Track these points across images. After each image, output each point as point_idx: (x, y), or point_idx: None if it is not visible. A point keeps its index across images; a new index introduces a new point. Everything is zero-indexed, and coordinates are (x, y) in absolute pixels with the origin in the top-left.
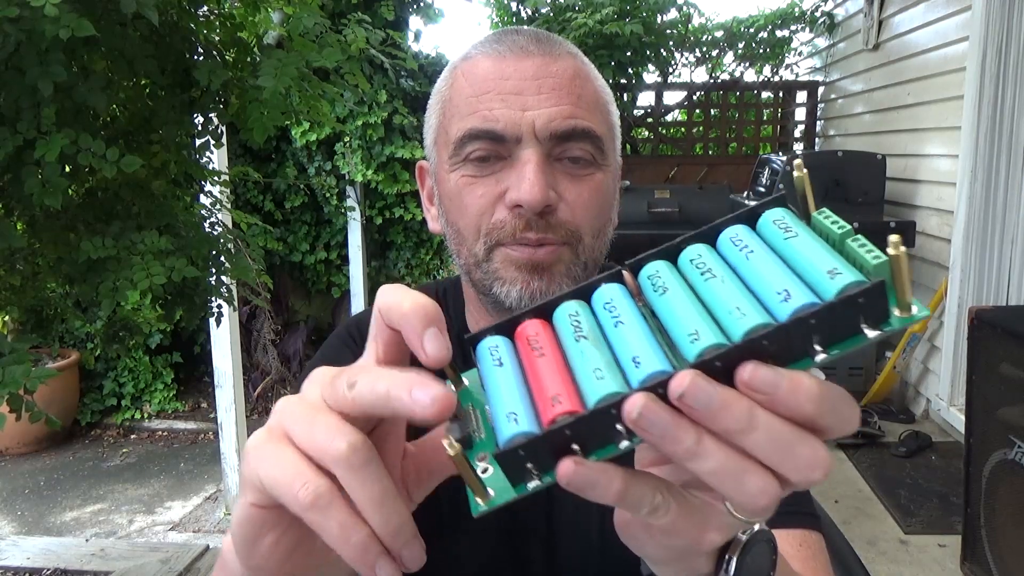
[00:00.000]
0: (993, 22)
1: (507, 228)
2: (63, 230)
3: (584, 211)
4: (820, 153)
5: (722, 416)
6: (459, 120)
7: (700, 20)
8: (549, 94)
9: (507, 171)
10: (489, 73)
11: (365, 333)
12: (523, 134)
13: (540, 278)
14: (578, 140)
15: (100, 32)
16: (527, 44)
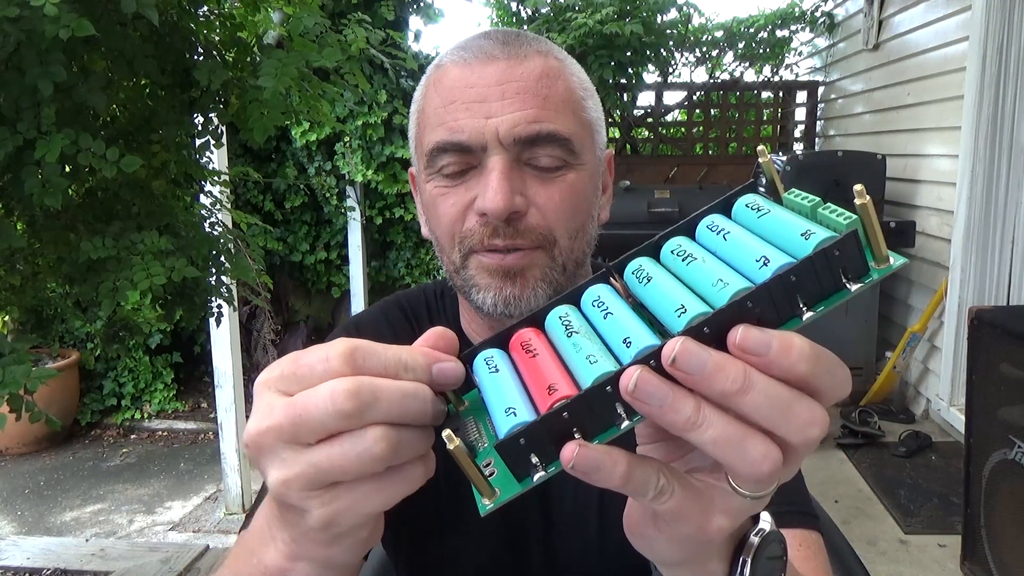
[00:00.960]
0: (993, 22)
1: (476, 236)
2: (63, 230)
3: (556, 214)
4: (820, 153)
5: (717, 378)
6: (430, 132)
7: (700, 20)
8: (513, 99)
9: (476, 179)
10: (456, 82)
11: (363, 333)
12: (488, 142)
13: (513, 283)
14: (544, 145)
15: (100, 32)
16: (492, 48)
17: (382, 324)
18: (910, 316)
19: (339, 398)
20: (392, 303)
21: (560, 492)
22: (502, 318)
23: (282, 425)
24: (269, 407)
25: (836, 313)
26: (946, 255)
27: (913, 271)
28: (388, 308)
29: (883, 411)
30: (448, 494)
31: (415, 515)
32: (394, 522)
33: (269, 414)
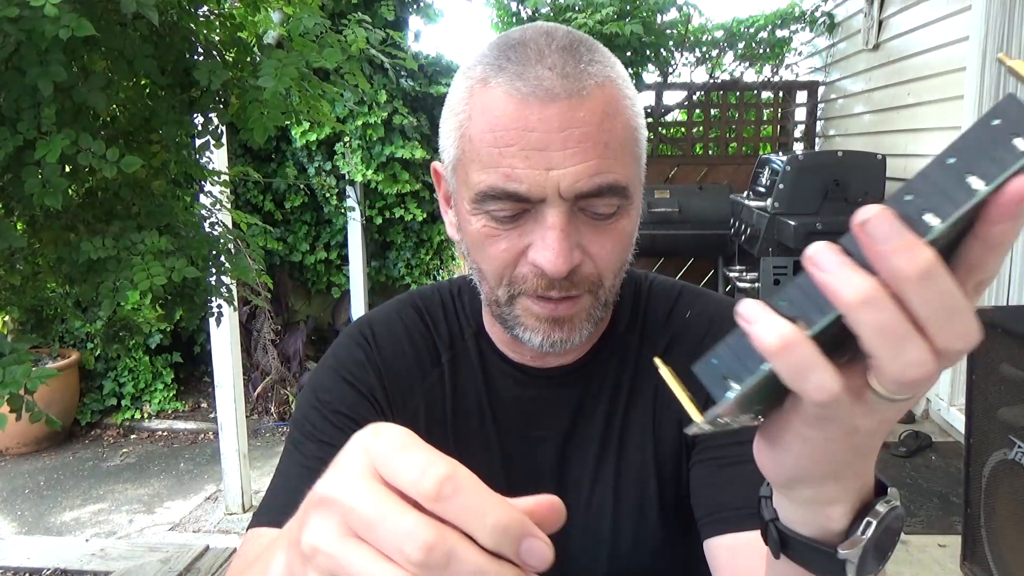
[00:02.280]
0: (993, 22)
1: (529, 283)
2: (63, 230)
3: (607, 262)
4: (820, 153)
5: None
6: (480, 169)
7: (700, 20)
8: (575, 148)
9: (531, 225)
10: (511, 121)
11: (377, 332)
12: (547, 195)
13: (561, 329)
14: (604, 196)
15: (100, 32)
16: (553, 83)
17: (396, 324)
18: None
19: (409, 544)
20: (406, 302)
21: (576, 488)
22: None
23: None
24: (348, 506)
25: None
26: None
27: None
28: (402, 307)
29: None
30: None
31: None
32: None
33: (347, 514)
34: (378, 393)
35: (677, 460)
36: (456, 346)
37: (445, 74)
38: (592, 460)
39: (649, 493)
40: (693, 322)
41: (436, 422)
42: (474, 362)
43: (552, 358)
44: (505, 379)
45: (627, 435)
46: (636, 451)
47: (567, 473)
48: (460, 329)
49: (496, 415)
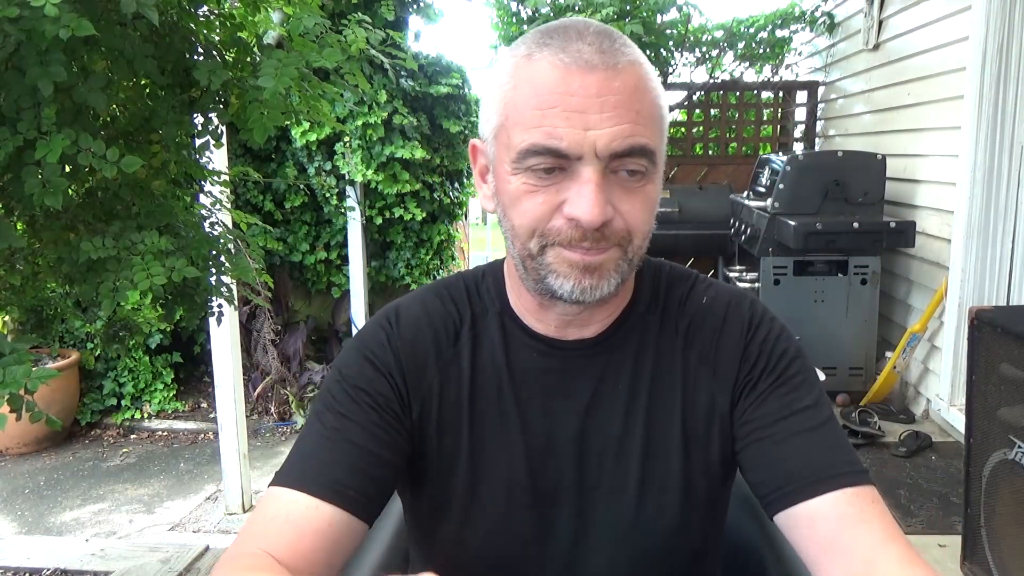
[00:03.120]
0: (993, 22)
1: (564, 235)
2: (63, 230)
3: (636, 220)
4: (820, 153)
5: None
6: (523, 131)
7: (700, 20)
8: (611, 112)
9: (567, 183)
10: (555, 86)
11: (400, 316)
12: (585, 153)
13: (591, 276)
14: (635, 156)
15: (100, 32)
16: (592, 56)
17: (418, 307)
18: (910, 316)
19: None
20: (431, 289)
21: (599, 458)
22: (575, 303)
23: None
24: None
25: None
26: (946, 255)
27: (913, 271)
28: (427, 294)
29: (883, 411)
30: (476, 463)
31: (444, 469)
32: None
33: None
34: (395, 372)
35: (706, 441)
36: (478, 325)
37: (445, 74)
38: (616, 433)
39: (674, 469)
40: (711, 306)
41: (451, 398)
42: (495, 338)
43: (576, 329)
44: (527, 351)
45: (653, 411)
46: (663, 428)
47: (589, 445)
48: (484, 308)
49: (516, 388)
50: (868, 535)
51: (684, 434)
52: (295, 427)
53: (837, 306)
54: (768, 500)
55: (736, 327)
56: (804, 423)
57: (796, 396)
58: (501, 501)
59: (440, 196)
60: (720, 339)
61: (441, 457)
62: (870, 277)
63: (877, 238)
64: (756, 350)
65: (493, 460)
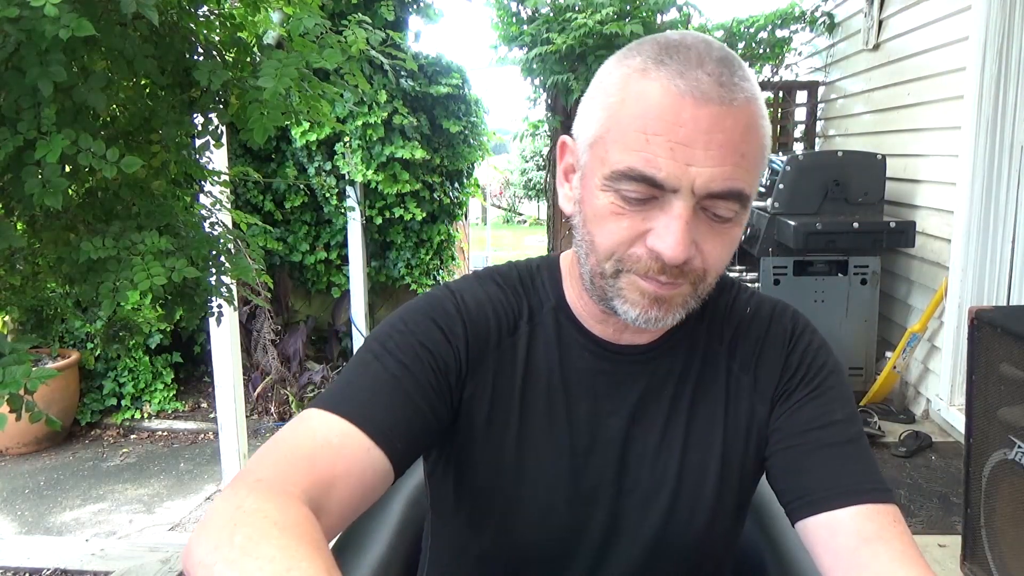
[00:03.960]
0: (993, 22)
1: (642, 264)
2: (63, 230)
3: (715, 262)
4: (820, 153)
5: None
6: (622, 151)
7: (700, 20)
8: (716, 151)
9: (655, 212)
10: (664, 112)
11: (465, 295)
12: (681, 187)
13: (659, 308)
14: (729, 200)
15: (100, 32)
16: (709, 88)
17: (479, 292)
18: (910, 316)
19: None
20: (485, 276)
21: (639, 461)
22: (624, 330)
23: None
24: None
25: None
26: (946, 255)
27: (913, 271)
28: (482, 280)
29: (883, 411)
30: (522, 455)
31: (489, 459)
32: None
33: None
34: (461, 347)
35: (744, 453)
36: (534, 318)
37: (445, 74)
38: (656, 438)
39: (709, 477)
40: (754, 316)
41: (503, 388)
42: (551, 334)
43: (630, 335)
44: (581, 351)
45: (695, 418)
46: (703, 435)
47: (631, 448)
48: (540, 303)
49: (567, 385)
50: (886, 553)
51: (724, 442)
52: None
53: (837, 306)
54: (791, 507)
55: (778, 337)
56: (835, 436)
57: (830, 409)
58: (541, 496)
59: (440, 196)
60: (763, 349)
61: (487, 446)
62: (870, 277)
63: (877, 238)
64: (796, 360)
65: (537, 456)
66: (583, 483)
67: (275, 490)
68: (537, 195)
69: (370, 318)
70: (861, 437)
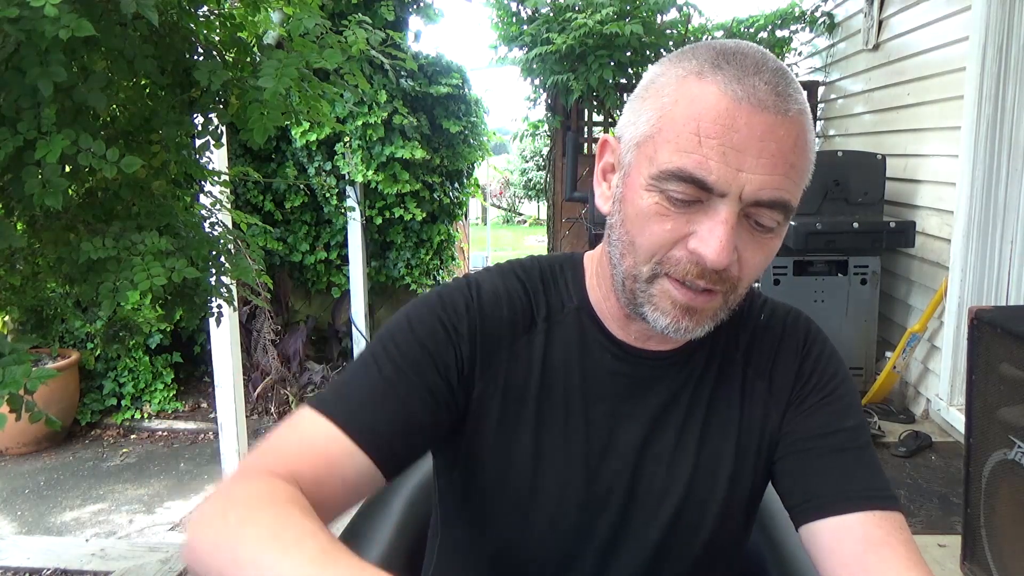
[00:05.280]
0: (993, 22)
1: (681, 267)
2: (63, 230)
3: (752, 271)
4: (820, 153)
5: None
6: (674, 151)
7: (700, 20)
8: (768, 160)
9: (700, 216)
10: (719, 116)
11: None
12: (730, 192)
13: (690, 319)
14: (774, 210)
15: (100, 32)
16: (766, 96)
17: (499, 287)
18: (910, 316)
19: None
20: (508, 270)
21: (654, 466)
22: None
23: None
24: None
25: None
26: (946, 255)
27: (913, 271)
28: (504, 274)
29: (883, 411)
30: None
31: (501, 459)
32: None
33: None
34: (465, 346)
35: (756, 456)
36: (554, 317)
37: (445, 74)
38: (671, 444)
39: (720, 484)
40: (768, 322)
41: (517, 387)
42: (573, 334)
43: (656, 342)
44: (603, 353)
45: (709, 425)
46: (716, 442)
47: (647, 454)
48: (561, 302)
49: (586, 387)
50: (891, 560)
51: (736, 450)
52: None
53: (837, 306)
54: (797, 510)
55: (792, 345)
56: (843, 443)
57: (841, 416)
58: (553, 499)
59: (440, 196)
60: (777, 356)
61: (499, 446)
62: (870, 277)
63: (877, 238)
64: (810, 368)
65: (552, 457)
66: (596, 487)
67: (263, 474)
68: (537, 195)
69: (370, 318)
70: (870, 445)
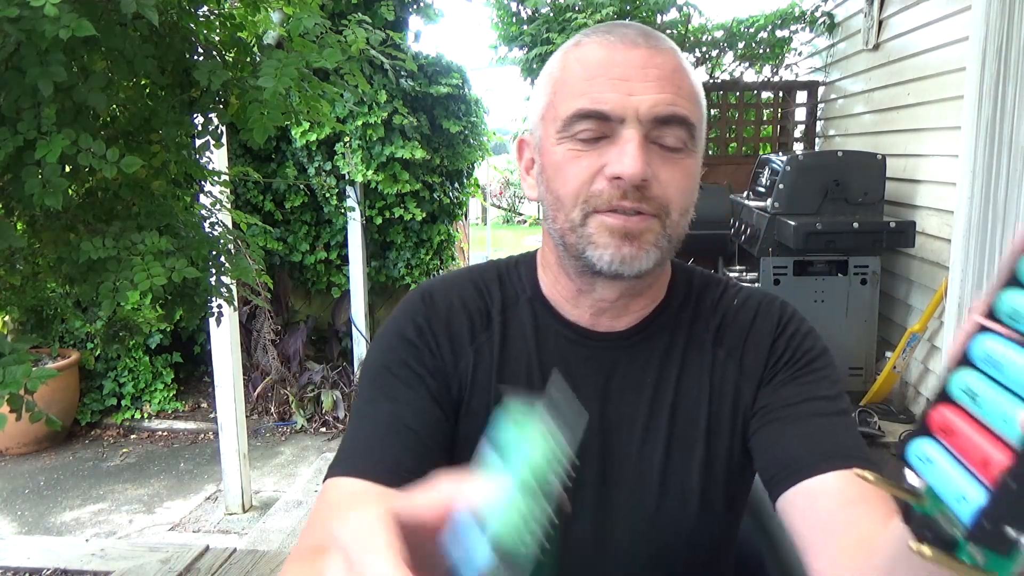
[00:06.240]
0: (993, 22)
1: (604, 196)
2: (63, 230)
3: (674, 190)
4: (820, 153)
5: None
6: (570, 100)
7: (700, 20)
8: (654, 82)
9: (609, 148)
10: (601, 59)
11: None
12: (627, 116)
13: (631, 244)
14: (674, 126)
15: (100, 32)
16: (635, 37)
17: (452, 292)
18: (910, 316)
19: None
20: (463, 275)
21: (622, 456)
22: (613, 279)
23: None
24: None
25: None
26: (946, 255)
27: (913, 271)
28: (459, 279)
29: (883, 411)
30: None
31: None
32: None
33: None
34: (434, 348)
35: (730, 436)
36: (508, 311)
37: (445, 74)
38: (640, 427)
39: (696, 465)
40: (742, 306)
41: (482, 382)
42: (526, 324)
43: (608, 319)
44: (558, 339)
45: (679, 406)
46: (687, 423)
47: (614, 438)
48: (515, 295)
49: (544, 372)
50: (868, 514)
51: (708, 429)
52: (295, 427)
53: (837, 306)
54: (772, 482)
55: (766, 325)
56: (818, 409)
57: (815, 387)
58: None
59: (440, 196)
60: (749, 336)
61: (466, 438)
62: (870, 277)
63: (877, 238)
64: (783, 345)
65: None
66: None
67: (304, 557)
68: None
69: (370, 318)
70: (846, 413)
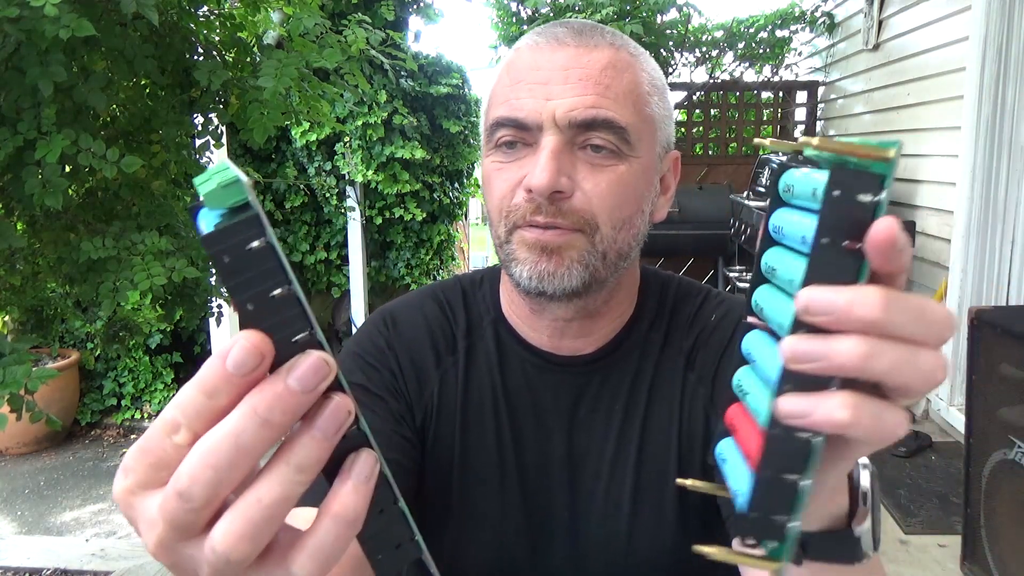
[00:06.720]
0: (993, 22)
1: (521, 211)
2: (63, 230)
3: (601, 201)
4: None
5: (857, 305)
6: (494, 109)
7: (700, 20)
8: (575, 84)
9: (529, 158)
10: (525, 64)
11: (398, 321)
12: (544, 122)
13: (549, 259)
14: (599, 129)
15: (100, 32)
16: (565, 36)
17: (416, 314)
18: None
19: None
20: (427, 294)
21: (592, 485)
22: (539, 297)
23: None
24: None
25: None
26: (946, 255)
27: (913, 271)
28: (423, 299)
29: None
30: (466, 479)
31: (439, 484)
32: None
33: None
34: (396, 373)
35: (701, 463)
36: (473, 334)
37: (445, 74)
38: (610, 452)
39: (668, 493)
40: (719, 323)
41: (447, 410)
42: (491, 348)
43: (570, 341)
44: (522, 364)
45: (648, 431)
46: (658, 448)
47: (583, 467)
48: (479, 316)
49: (510, 401)
50: None
51: (679, 456)
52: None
53: None
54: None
55: None
56: None
57: None
58: (495, 520)
59: (440, 196)
60: (723, 358)
61: (437, 471)
62: None
63: None
64: None
65: (485, 477)
66: (536, 504)
67: None
68: None
69: (363, 323)
70: None
